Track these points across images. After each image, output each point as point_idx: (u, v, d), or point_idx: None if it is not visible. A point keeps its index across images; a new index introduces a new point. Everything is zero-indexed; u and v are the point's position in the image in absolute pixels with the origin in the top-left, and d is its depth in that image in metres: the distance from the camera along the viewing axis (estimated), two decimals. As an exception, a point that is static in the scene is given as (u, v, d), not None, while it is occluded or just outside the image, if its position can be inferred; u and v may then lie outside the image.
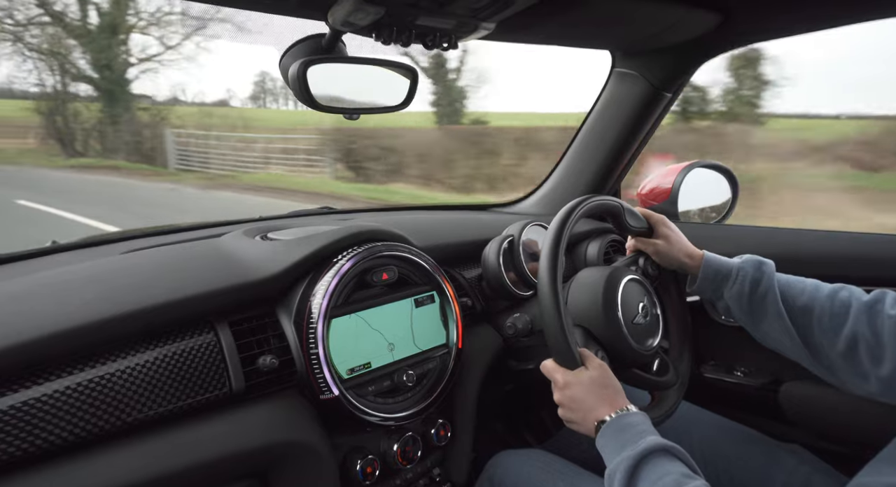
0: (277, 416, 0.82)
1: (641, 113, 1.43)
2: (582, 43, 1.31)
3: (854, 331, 0.82)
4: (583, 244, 1.37)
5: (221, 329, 0.82)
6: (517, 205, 1.73)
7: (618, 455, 0.72)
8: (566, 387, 0.81)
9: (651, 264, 1.03)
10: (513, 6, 0.83)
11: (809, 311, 0.86)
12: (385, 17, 0.79)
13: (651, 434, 0.74)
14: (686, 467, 0.70)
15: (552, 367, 0.84)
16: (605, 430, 0.76)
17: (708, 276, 0.95)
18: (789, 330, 0.87)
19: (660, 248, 1.00)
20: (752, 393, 1.26)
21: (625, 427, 0.75)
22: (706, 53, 1.33)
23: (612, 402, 0.79)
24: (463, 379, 1.05)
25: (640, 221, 1.00)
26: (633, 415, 0.77)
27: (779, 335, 0.89)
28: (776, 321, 0.88)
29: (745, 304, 0.91)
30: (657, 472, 0.68)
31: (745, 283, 0.91)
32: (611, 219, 0.98)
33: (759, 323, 0.91)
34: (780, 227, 1.36)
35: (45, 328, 0.68)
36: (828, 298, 0.86)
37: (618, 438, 0.74)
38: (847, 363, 0.83)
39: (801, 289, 0.89)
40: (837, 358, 0.84)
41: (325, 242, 0.92)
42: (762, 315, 0.90)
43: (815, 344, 0.86)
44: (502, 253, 1.14)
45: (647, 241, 1.02)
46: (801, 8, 1.08)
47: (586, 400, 0.79)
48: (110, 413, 0.70)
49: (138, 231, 1.18)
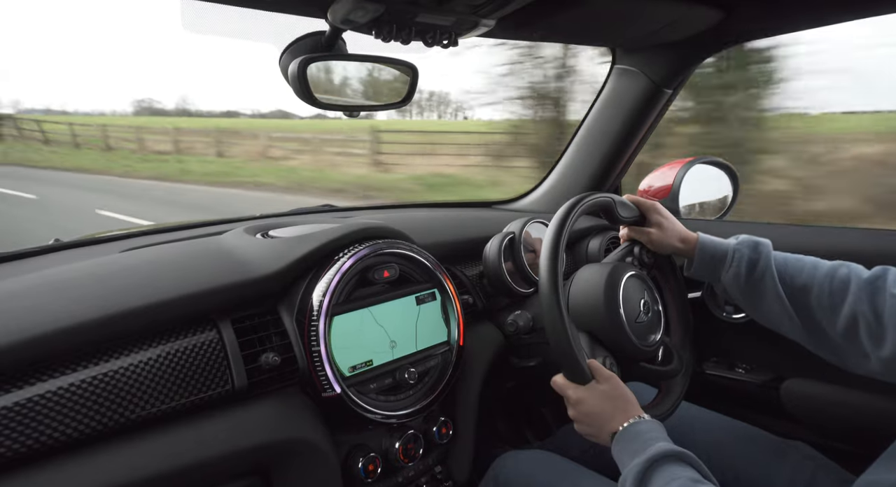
0: (279, 414, 0.82)
1: (642, 110, 1.43)
2: (582, 39, 1.31)
3: (853, 310, 0.80)
4: (584, 241, 1.37)
5: (224, 326, 0.82)
6: (518, 202, 1.73)
7: (630, 461, 0.73)
8: (579, 403, 0.82)
9: (646, 253, 1.04)
10: (513, 3, 0.83)
11: (808, 290, 0.85)
12: (385, 14, 0.79)
13: (661, 440, 0.74)
14: (696, 472, 0.70)
15: (563, 384, 0.85)
16: (619, 439, 0.77)
17: (704, 260, 0.95)
18: (788, 311, 0.86)
19: (653, 236, 1.00)
20: (753, 390, 1.26)
21: (636, 436, 0.76)
22: (707, 50, 1.33)
23: (624, 412, 0.79)
24: (464, 376, 1.05)
25: (630, 211, 1.00)
26: (644, 423, 0.78)
27: (778, 316, 0.88)
28: (775, 302, 0.87)
29: (742, 286, 0.90)
30: (665, 477, 0.69)
31: (741, 265, 0.90)
32: (603, 214, 0.99)
33: (758, 305, 0.90)
34: (780, 223, 1.36)
35: (48, 325, 0.68)
36: (826, 276, 0.85)
37: (630, 446, 0.75)
38: (847, 342, 0.82)
39: (800, 268, 0.88)
40: (837, 337, 0.83)
41: (326, 240, 0.92)
42: (760, 296, 0.89)
43: (814, 324, 0.85)
44: (503, 251, 1.14)
45: (641, 230, 1.02)
46: (802, 4, 1.08)
47: (602, 414, 0.80)
48: (113, 410, 0.70)
49: (140, 229, 1.18)
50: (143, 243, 1.05)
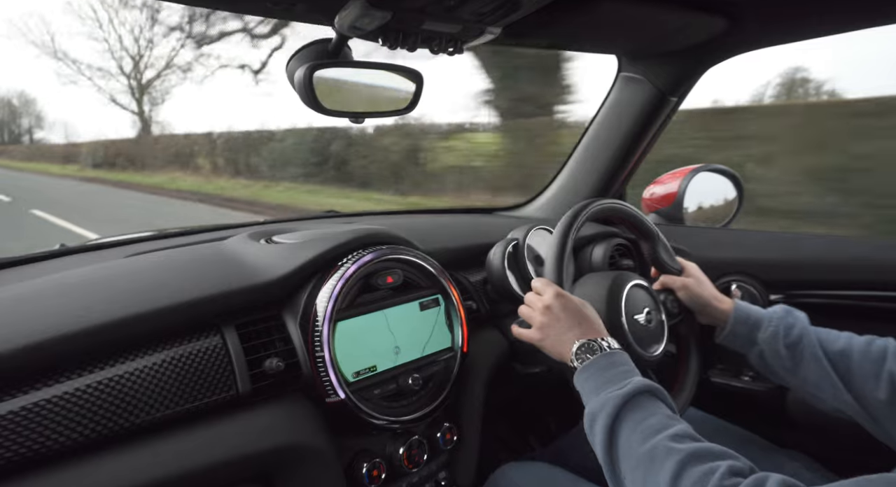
0: (283, 419, 0.82)
1: (647, 117, 1.43)
2: (588, 47, 1.31)
3: (892, 374, 0.79)
4: (588, 248, 1.36)
5: (228, 331, 0.82)
6: (521, 208, 1.73)
7: (597, 394, 0.72)
8: (547, 310, 0.83)
9: (673, 302, 1.02)
10: (519, 11, 0.83)
11: (848, 355, 0.84)
12: (391, 21, 0.80)
13: (636, 374, 0.74)
14: (668, 407, 0.70)
15: (539, 287, 0.87)
16: (589, 366, 0.76)
17: (741, 319, 0.94)
18: (829, 374, 0.84)
19: (689, 285, 0.99)
20: (759, 397, 1.26)
21: (609, 366, 0.75)
22: (713, 58, 1.33)
23: (591, 327, 0.80)
24: (469, 382, 1.05)
25: (672, 259, 1.02)
26: (617, 354, 0.77)
27: (818, 379, 0.86)
28: (814, 364, 0.86)
29: (780, 348, 0.89)
30: (642, 413, 0.68)
31: (779, 327, 0.90)
32: (645, 247, 1.02)
33: (796, 369, 0.88)
34: (784, 232, 1.36)
35: (53, 330, 0.68)
36: (865, 342, 0.85)
37: (601, 375, 0.74)
38: (892, 409, 0.80)
39: (837, 336, 0.88)
40: (881, 404, 0.81)
41: (330, 246, 0.92)
42: (799, 359, 0.87)
43: (857, 390, 0.83)
44: (507, 257, 1.14)
45: (676, 278, 1.01)
46: (807, 13, 1.08)
47: (568, 320, 0.81)
48: (117, 415, 0.70)
49: (144, 234, 1.18)
50: (147, 248, 1.05)
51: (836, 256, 1.21)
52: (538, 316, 0.84)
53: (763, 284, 1.26)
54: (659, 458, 0.63)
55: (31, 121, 32.42)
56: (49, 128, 34.67)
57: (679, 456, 0.61)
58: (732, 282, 1.29)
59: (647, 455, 0.64)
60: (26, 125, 32.55)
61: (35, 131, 32.36)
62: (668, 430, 0.65)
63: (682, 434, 0.65)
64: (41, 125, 32.38)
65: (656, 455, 0.63)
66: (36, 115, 32.69)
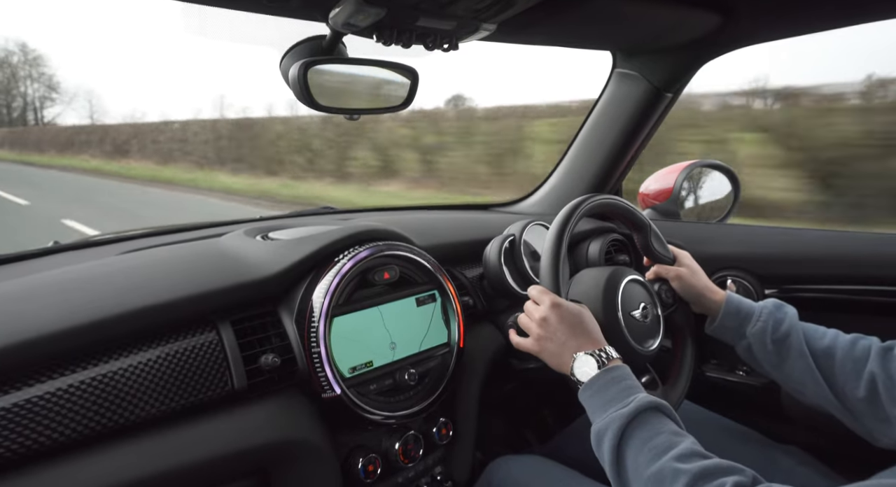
0: (279, 414, 0.83)
1: (642, 113, 1.44)
2: (583, 43, 1.32)
3: (873, 374, 0.81)
4: (584, 243, 1.37)
5: (223, 327, 0.83)
6: (518, 204, 1.73)
7: (605, 411, 0.72)
8: (545, 322, 0.83)
9: (669, 293, 1.03)
10: (514, 7, 0.84)
11: (832, 354, 0.86)
12: (386, 18, 0.80)
13: (640, 390, 0.74)
14: (674, 423, 0.70)
15: (536, 296, 0.87)
16: (592, 384, 0.76)
17: (731, 312, 0.95)
18: (813, 371, 0.86)
19: (683, 276, 1.00)
20: (754, 392, 1.26)
21: (610, 382, 0.75)
22: (707, 54, 1.33)
23: (590, 339, 0.80)
24: (464, 377, 1.05)
25: (664, 248, 1.02)
26: (619, 369, 0.77)
27: (801, 375, 0.88)
28: (799, 360, 0.87)
29: (768, 342, 0.90)
30: (647, 432, 0.69)
31: (768, 321, 0.91)
32: (637, 238, 1.02)
33: (781, 363, 0.90)
34: (779, 227, 1.37)
35: (47, 327, 0.69)
36: (849, 342, 0.86)
37: (605, 393, 0.74)
38: (870, 407, 0.82)
39: (823, 333, 0.89)
40: (860, 402, 0.83)
41: (326, 242, 0.92)
42: (785, 354, 0.89)
43: (838, 387, 0.85)
44: (503, 253, 1.14)
45: (669, 268, 1.02)
46: (801, 9, 1.09)
47: (567, 331, 0.81)
48: (112, 410, 0.70)
49: (139, 231, 1.18)
50: (142, 245, 1.05)
51: (831, 251, 1.21)
52: (535, 328, 0.85)
53: (758, 279, 1.26)
54: (667, 481, 0.64)
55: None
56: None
57: (686, 479, 0.62)
58: (728, 277, 1.29)
59: (654, 477, 0.65)
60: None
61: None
62: (675, 450, 0.66)
63: (687, 453, 0.65)
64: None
65: (664, 478, 0.64)
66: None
